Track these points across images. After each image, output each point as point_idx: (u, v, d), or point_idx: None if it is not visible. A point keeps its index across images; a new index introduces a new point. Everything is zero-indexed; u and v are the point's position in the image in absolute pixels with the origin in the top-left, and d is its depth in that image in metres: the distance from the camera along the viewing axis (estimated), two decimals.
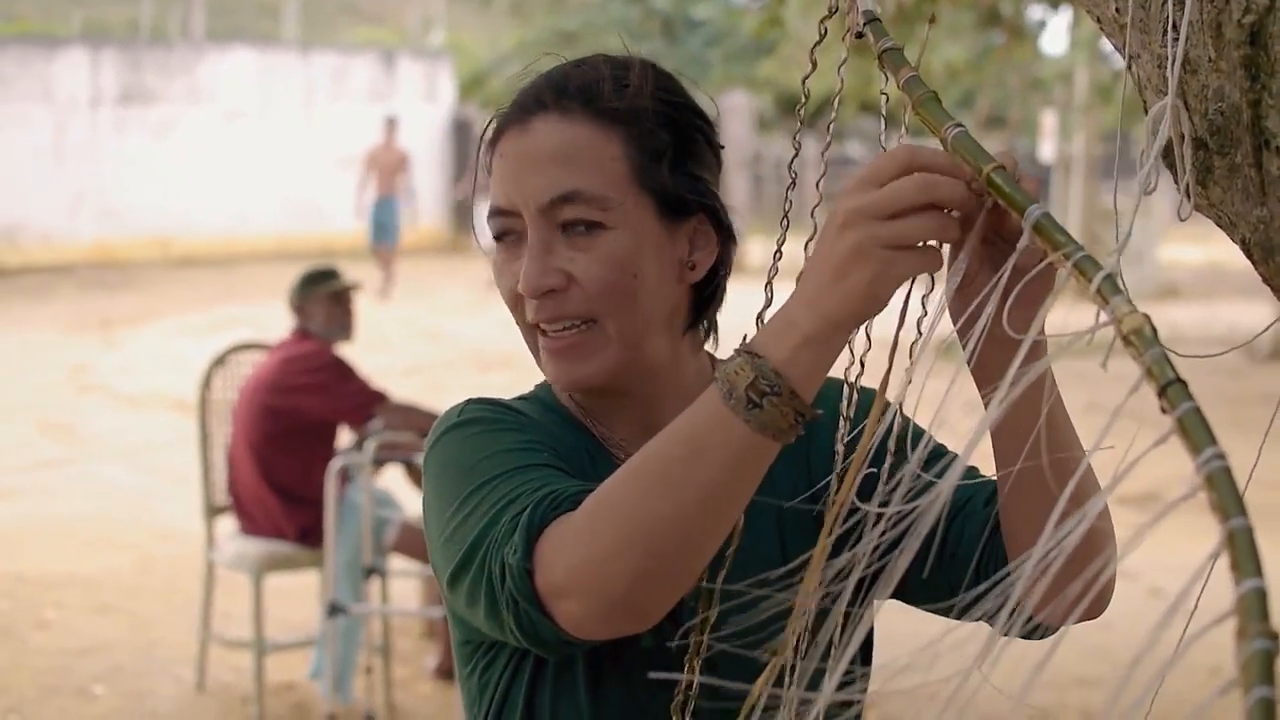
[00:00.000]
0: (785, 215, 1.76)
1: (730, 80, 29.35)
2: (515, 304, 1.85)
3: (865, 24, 1.52)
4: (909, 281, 1.46)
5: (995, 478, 1.77)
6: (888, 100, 1.60)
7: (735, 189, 25.50)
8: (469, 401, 1.87)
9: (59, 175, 25.23)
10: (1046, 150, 24.10)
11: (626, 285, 1.83)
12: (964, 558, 1.84)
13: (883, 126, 1.65)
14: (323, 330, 6.71)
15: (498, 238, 1.85)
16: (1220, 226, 1.55)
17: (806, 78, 1.65)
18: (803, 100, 1.67)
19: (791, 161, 1.73)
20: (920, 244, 1.41)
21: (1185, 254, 24.93)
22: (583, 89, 1.83)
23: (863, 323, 1.48)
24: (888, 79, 1.51)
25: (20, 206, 24.72)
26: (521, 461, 1.73)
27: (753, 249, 24.82)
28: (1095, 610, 1.73)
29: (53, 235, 25.14)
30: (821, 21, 1.61)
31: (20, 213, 24.74)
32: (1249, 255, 1.53)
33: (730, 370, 1.48)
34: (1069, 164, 23.08)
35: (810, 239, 1.53)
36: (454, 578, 1.70)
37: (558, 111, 1.82)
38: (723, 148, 1.93)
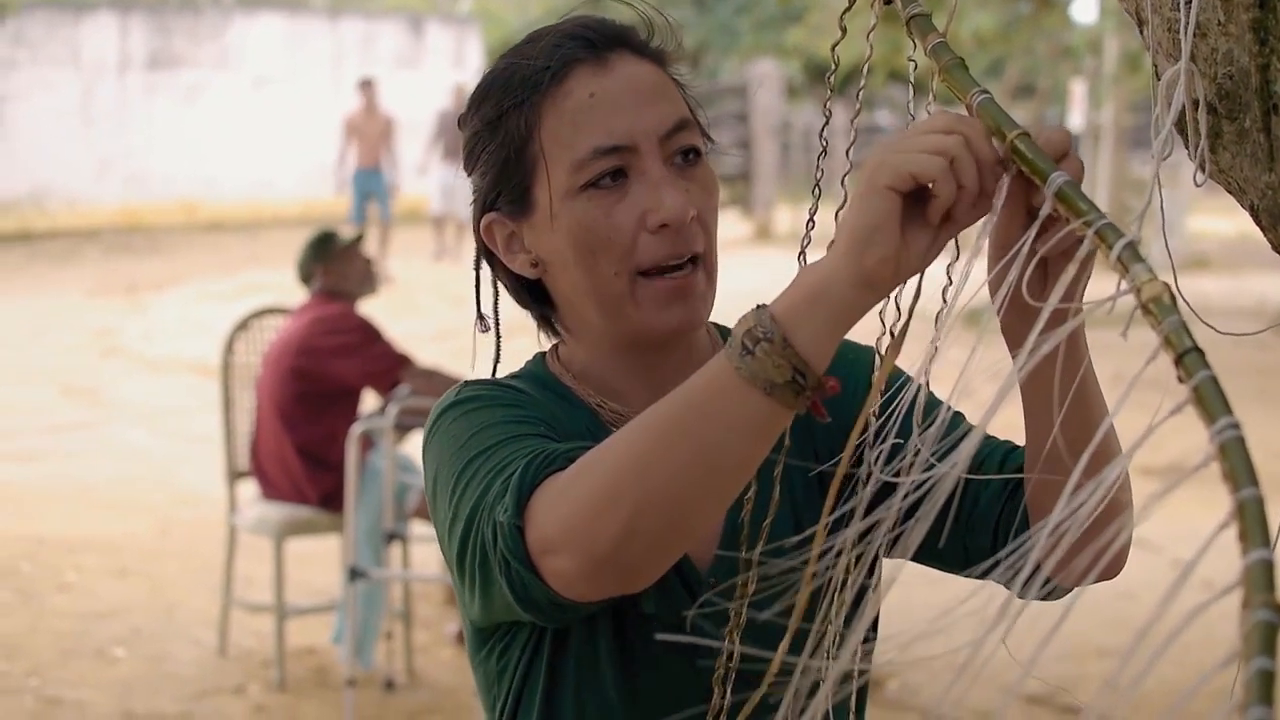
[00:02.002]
0: (817, 184, 1.73)
1: (760, 48, 29.27)
2: (627, 248, 1.76)
3: None
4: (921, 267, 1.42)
5: (1022, 444, 1.75)
6: (916, 67, 1.58)
7: (764, 157, 25.44)
8: (464, 383, 1.83)
9: (86, 140, 25.27)
10: (1076, 119, 23.96)
11: (717, 217, 1.83)
12: (980, 519, 1.82)
13: (910, 94, 1.63)
14: (354, 288, 6.72)
15: (592, 183, 1.75)
16: (1230, 193, 1.53)
17: (836, 44, 1.63)
18: (833, 68, 1.66)
19: (823, 130, 1.72)
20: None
21: (1214, 225, 24.86)
22: (630, 32, 1.83)
23: (866, 254, 1.38)
24: (915, 46, 1.49)
25: (47, 171, 24.77)
26: (515, 432, 1.69)
27: (780, 217, 24.78)
28: (1112, 571, 1.72)
29: (79, 199, 25.18)
30: None
31: (47, 177, 24.79)
32: (1258, 222, 1.51)
33: (738, 321, 1.44)
34: (1098, 133, 22.97)
35: (840, 208, 1.50)
36: (459, 559, 1.67)
37: (628, 50, 1.81)
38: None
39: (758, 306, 1.43)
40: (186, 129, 25.96)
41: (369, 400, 6.75)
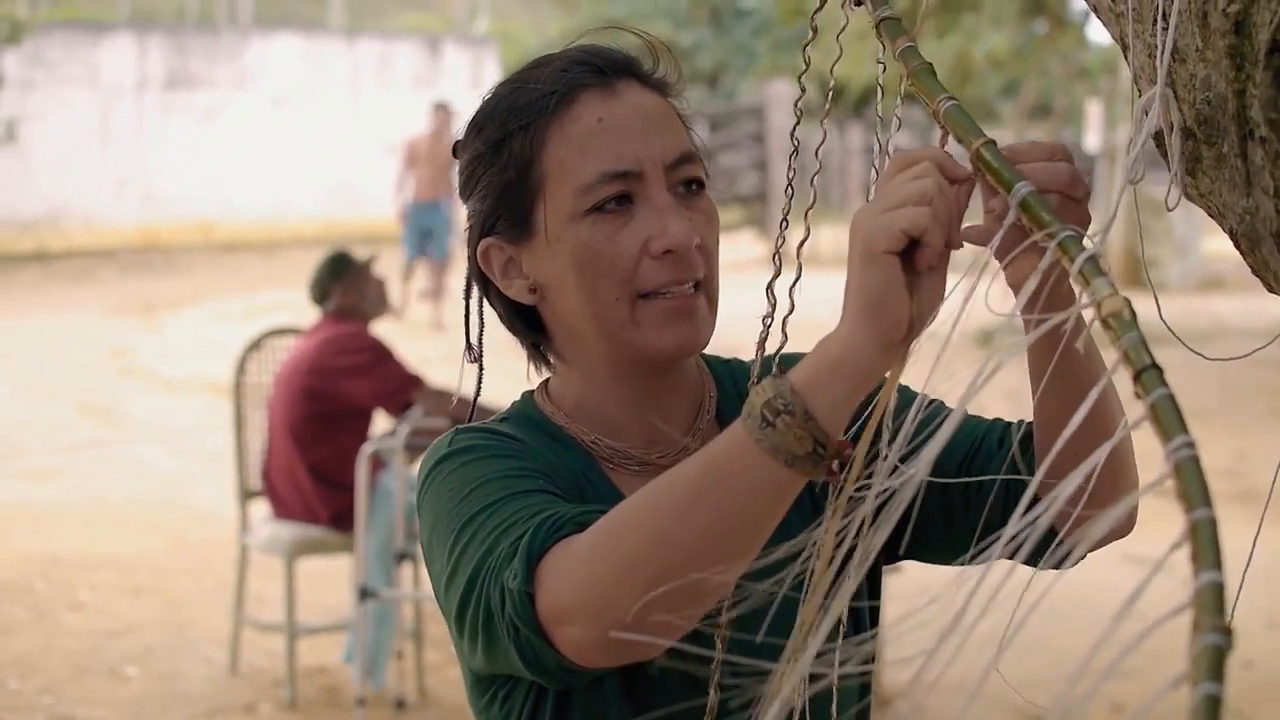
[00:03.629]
0: (786, 208, 1.75)
1: (778, 69, 29.30)
2: (629, 272, 1.76)
3: None
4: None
5: (1029, 421, 1.77)
6: (885, 70, 1.59)
7: (778, 178, 25.41)
8: (456, 431, 1.80)
9: (103, 160, 25.33)
10: (1092, 140, 23.95)
11: (718, 250, 1.84)
12: (985, 500, 1.81)
13: (879, 96, 1.65)
14: (369, 309, 6.76)
15: (598, 208, 1.75)
16: (1211, 216, 1.54)
17: (806, 44, 1.65)
18: (802, 71, 1.67)
19: (793, 154, 1.73)
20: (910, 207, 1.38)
21: (1230, 246, 24.71)
22: (636, 61, 1.84)
23: (881, 320, 1.38)
24: (885, 49, 1.50)
25: (65, 191, 24.84)
26: (516, 488, 1.67)
27: (797, 238, 24.74)
28: (1123, 530, 1.73)
29: (96, 219, 25.24)
30: (813, 15, 1.61)
31: (64, 197, 24.86)
32: (1237, 245, 1.52)
33: (754, 391, 1.43)
34: (1114, 154, 22.97)
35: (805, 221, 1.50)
36: (459, 616, 1.65)
37: (634, 79, 1.82)
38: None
39: (775, 376, 1.43)
40: (204, 149, 26.02)
41: (380, 421, 6.77)
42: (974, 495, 1.83)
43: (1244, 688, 6.22)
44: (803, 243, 1.67)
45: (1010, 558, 1.08)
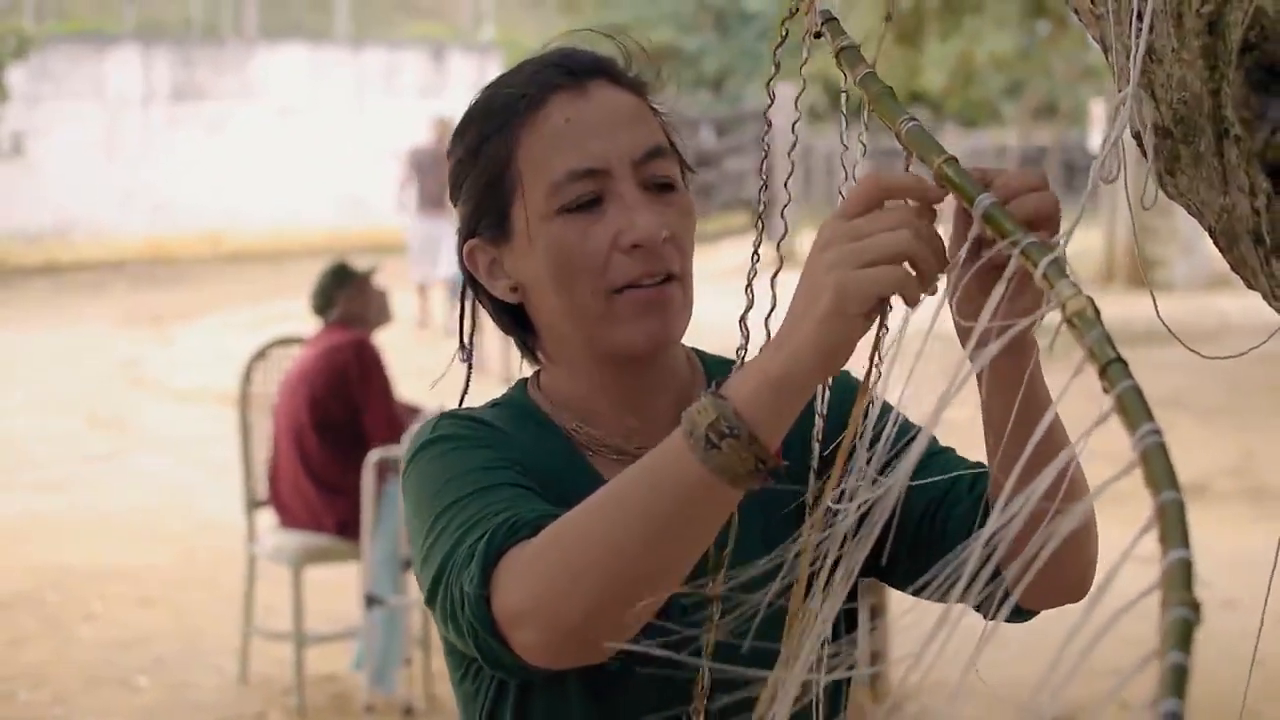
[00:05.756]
0: (759, 214, 1.78)
1: (784, 73, 29.15)
2: (601, 267, 1.78)
3: (823, 23, 1.55)
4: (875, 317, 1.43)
5: (987, 465, 1.77)
6: (848, 98, 1.62)
7: (779, 180, 25.36)
8: (441, 417, 1.85)
9: (110, 172, 25.38)
10: (1096, 139, 23.92)
11: (692, 245, 1.85)
12: (951, 541, 1.82)
13: (843, 125, 1.68)
14: (373, 318, 6.79)
15: (569, 208, 1.79)
16: (1190, 214, 1.56)
17: (776, 48, 1.69)
18: (770, 77, 1.70)
19: (763, 159, 1.75)
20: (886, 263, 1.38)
21: None
22: (609, 62, 1.87)
23: (833, 362, 1.43)
24: (846, 78, 1.53)
25: (73, 203, 24.90)
26: (487, 481, 1.71)
27: (802, 241, 24.75)
28: (1076, 594, 1.75)
29: (104, 232, 25.29)
30: (782, 23, 1.64)
31: (73, 209, 24.92)
32: (1216, 243, 1.54)
33: (695, 409, 1.46)
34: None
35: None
36: (429, 600, 1.70)
37: (606, 79, 1.84)
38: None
39: (716, 395, 1.46)
40: (211, 160, 26.05)
41: None
42: (941, 532, 1.84)
43: (1255, 682, 6.21)
44: (781, 239, 1.70)
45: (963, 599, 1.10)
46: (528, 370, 1.99)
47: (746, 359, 1.74)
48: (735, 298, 1.76)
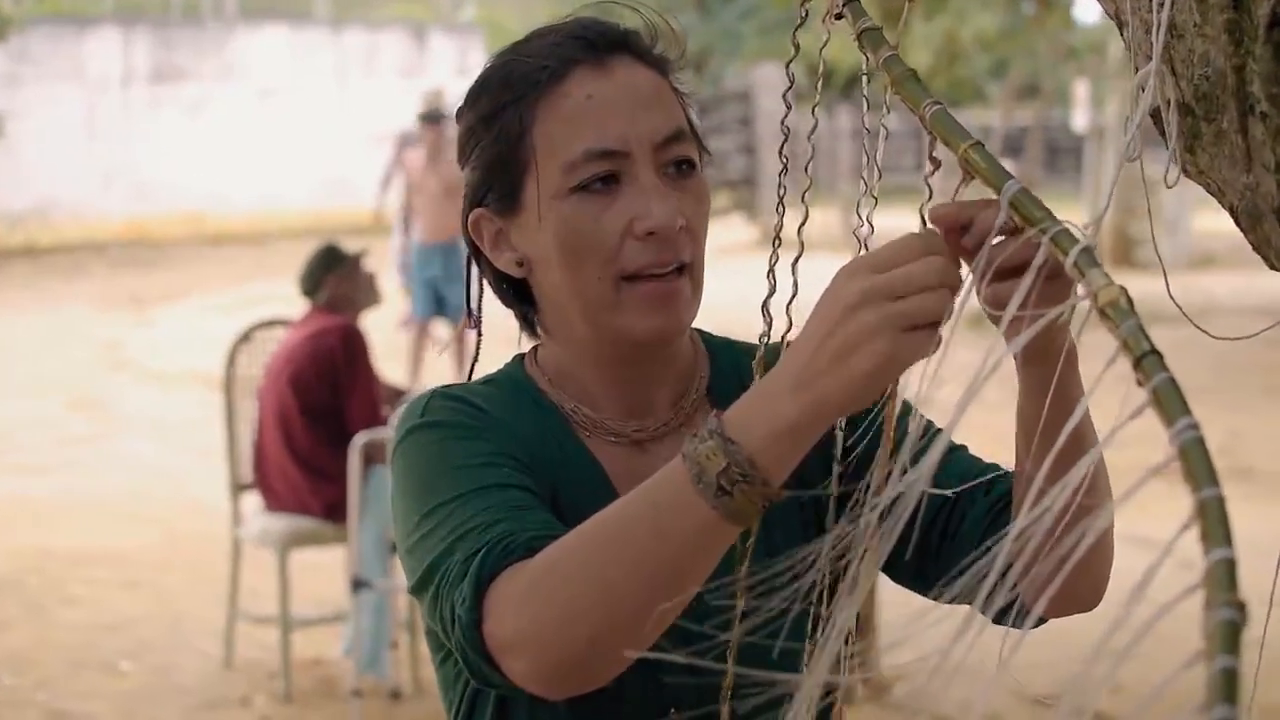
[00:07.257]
0: (780, 197, 1.74)
1: (764, 53, 29.26)
2: (613, 252, 1.74)
3: (845, 4, 1.51)
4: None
5: (1013, 469, 1.73)
6: (869, 80, 1.58)
7: (768, 163, 25.41)
8: (432, 395, 1.81)
9: (91, 153, 25.31)
10: (1080, 119, 23.96)
11: (706, 230, 1.82)
12: (964, 543, 1.80)
13: (865, 108, 1.64)
14: (361, 300, 6.77)
15: (583, 186, 1.74)
16: (1210, 194, 1.53)
17: (795, 29, 1.63)
18: (790, 58, 1.66)
19: (781, 147, 1.72)
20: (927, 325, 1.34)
21: (1221, 223, 24.79)
22: (633, 37, 1.82)
23: (857, 409, 1.40)
24: (868, 59, 1.49)
25: (52, 185, 24.81)
26: (481, 481, 1.67)
27: (785, 222, 24.74)
28: (1090, 603, 1.72)
29: (85, 213, 25.21)
30: (803, 3, 1.59)
31: (52, 191, 24.83)
32: (1237, 223, 1.50)
33: (702, 453, 1.40)
34: (1102, 133, 22.98)
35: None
36: (415, 590, 1.66)
37: (629, 55, 1.80)
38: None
39: (725, 438, 1.40)
40: (191, 142, 25.99)
41: None
42: (954, 533, 1.82)
43: (1252, 664, 6.21)
44: (803, 224, 1.65)
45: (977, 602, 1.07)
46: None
47: (767, 343, 1.73)
48: (720, 278, 1.73)
